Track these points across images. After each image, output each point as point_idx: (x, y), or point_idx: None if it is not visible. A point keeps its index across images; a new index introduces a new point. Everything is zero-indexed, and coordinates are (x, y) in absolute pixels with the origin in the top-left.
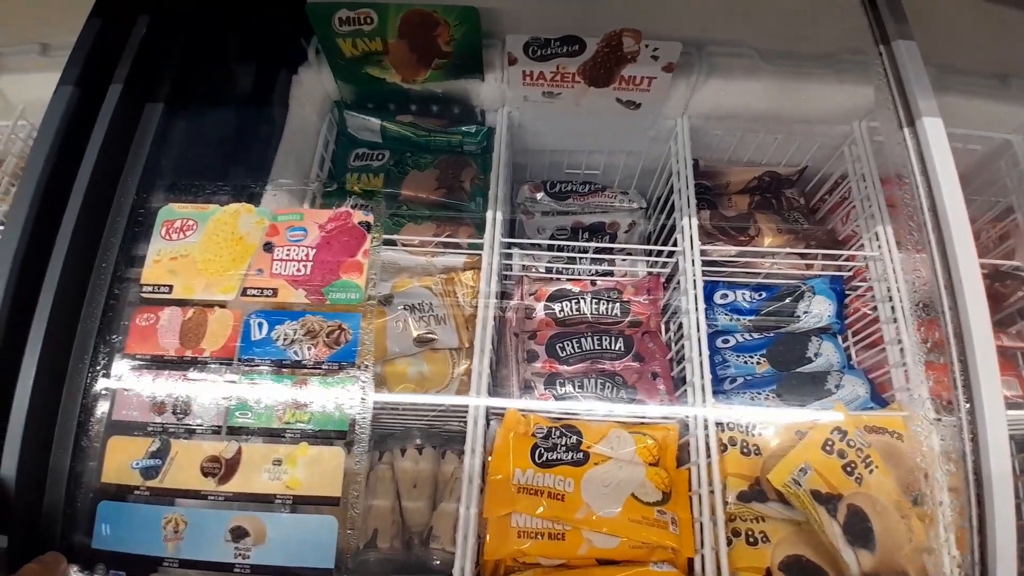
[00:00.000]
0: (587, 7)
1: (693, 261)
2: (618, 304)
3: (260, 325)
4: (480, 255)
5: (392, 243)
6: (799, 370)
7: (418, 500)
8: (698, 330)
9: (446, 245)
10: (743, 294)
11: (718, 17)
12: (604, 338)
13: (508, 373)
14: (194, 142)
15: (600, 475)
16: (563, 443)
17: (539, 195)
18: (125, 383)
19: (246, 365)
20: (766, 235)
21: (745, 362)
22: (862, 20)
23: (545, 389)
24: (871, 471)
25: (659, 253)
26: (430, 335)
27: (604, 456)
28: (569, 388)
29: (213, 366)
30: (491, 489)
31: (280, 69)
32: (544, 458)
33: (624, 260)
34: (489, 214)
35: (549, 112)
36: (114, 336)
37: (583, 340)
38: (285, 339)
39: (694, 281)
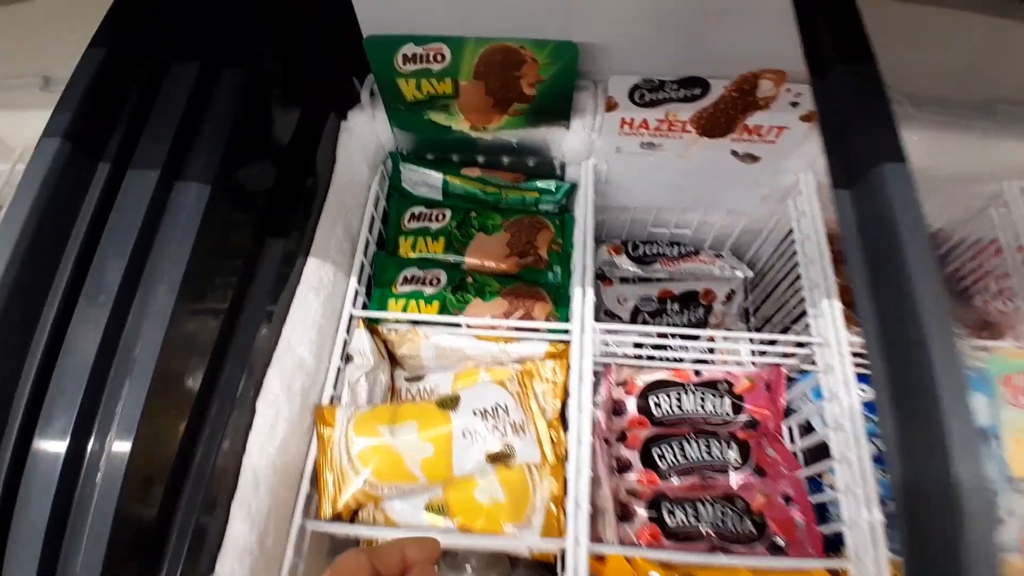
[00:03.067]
0: (709, 45)
1: (841, 355)
2: (729, 400)
3: None
4: (566, 341)
5: (456, 324)
6: None
7: None
8: (857, 448)
9: (522, 327)
10: None
11: None
12: (713, 443)
13: (597, 488)
14: (234, 197)
15: None
16: None
17: (620, 258)
18: None
19: None
20: None
21: None
22: None
23: (649, 519)
24: None
25: (785, 342)
26: (506, 450)
27: None
28: (681, 517)
29: None
30: None
31: (328, 114)
32: None
33: (724, 339)
34: (576, 289)
35: (643, 165)
36: None
37: (686, 445)
38: None
39: (845, 383)
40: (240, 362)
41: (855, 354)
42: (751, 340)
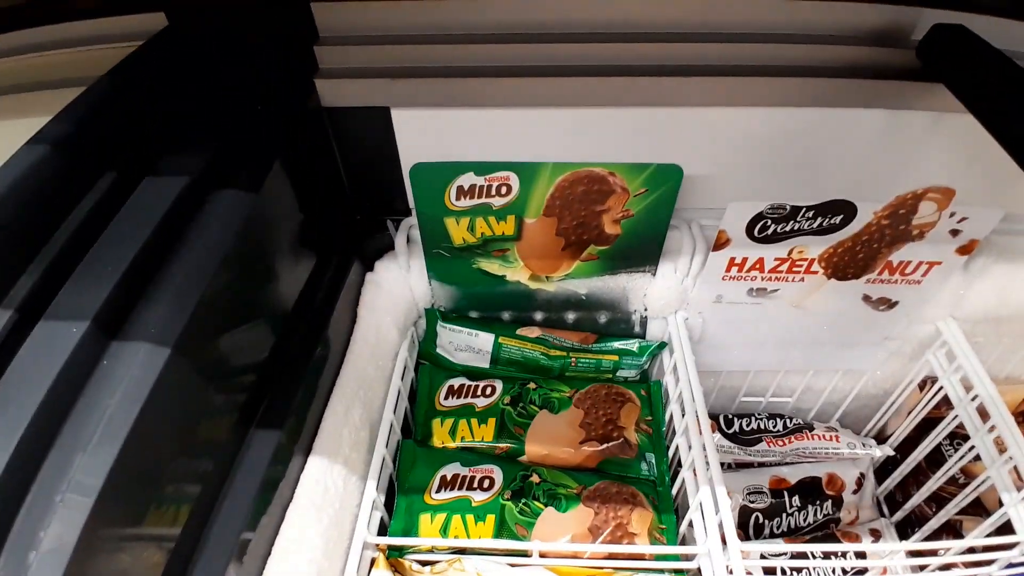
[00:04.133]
0: (845, 174)
1: None
2: None
3: None
4: (691, 572)
5: (522, 553)
6: None
7: None
8: None
9: (622, 554)
10: None
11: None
12: None
13: None
14: (207, 370)
15: None
16: None
17: (713, 437)
18: None
19: None
20: None
21: None
22: None
23: None
24: None
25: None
26: None
27: None
28: None
29: None
30: None
31: (350, 263)
32: None
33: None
34: (702, 490)
35: (747, 317)
36: None
37: None
38: None
39: None
40: None
41: None
42: (942, 550)
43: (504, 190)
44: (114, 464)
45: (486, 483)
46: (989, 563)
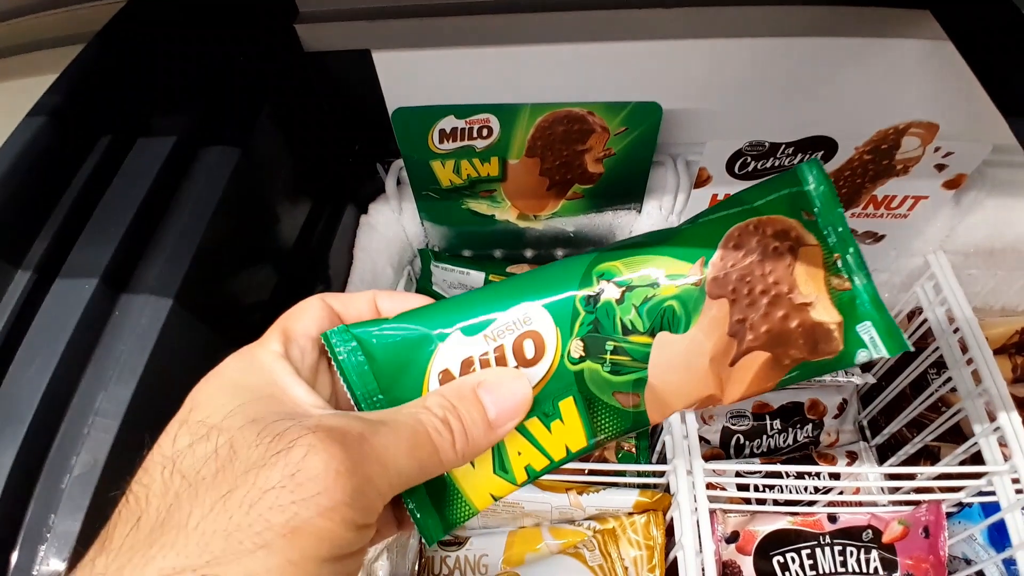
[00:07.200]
0: (834, 98)
1: None
2: (877, 553)
3: None
4: (661, 486)
5: None
6: None
7: None
8: None
9: (599, 471)
10: None
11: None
12: None
13: None
14: (208, 316)
15: None
16: None
17: None
18: None
19: None
20: None
21: None
22: None
23: None
24: None
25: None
26: None
27: None
28: None
29: None
30: None
31: (344, 207)
32: None
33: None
34: (675, 415)
35: None
36: None
37: None
38: None
39: None
40: None
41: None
42: (908, 475)
43: (485, 132)
44: (132, 398)
45: None
46: (957, 490)
